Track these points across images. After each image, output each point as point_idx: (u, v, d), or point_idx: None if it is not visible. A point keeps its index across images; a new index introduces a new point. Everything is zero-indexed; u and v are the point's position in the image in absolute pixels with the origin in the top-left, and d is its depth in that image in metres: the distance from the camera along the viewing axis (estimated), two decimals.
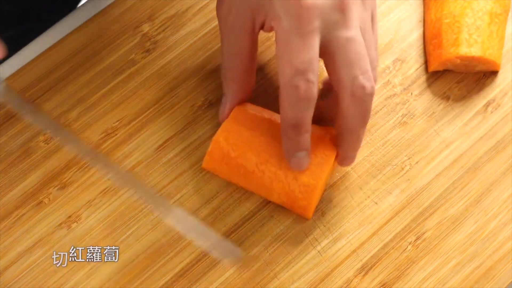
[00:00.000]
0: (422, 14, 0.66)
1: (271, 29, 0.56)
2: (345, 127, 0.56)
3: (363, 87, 0.53)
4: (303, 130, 0.55)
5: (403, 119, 0.63)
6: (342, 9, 0.54)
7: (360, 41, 0.54)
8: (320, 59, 0.54)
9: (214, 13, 0.65)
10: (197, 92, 0.63)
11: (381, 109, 0.63)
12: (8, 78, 0.63)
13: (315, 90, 0.53)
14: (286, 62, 0.53)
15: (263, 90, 0.63)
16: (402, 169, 0.61)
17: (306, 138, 0.55)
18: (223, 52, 0.58)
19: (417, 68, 0.64)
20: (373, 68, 0.56)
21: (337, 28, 0.54)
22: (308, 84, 0.53)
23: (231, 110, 0.59)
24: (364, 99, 0.54)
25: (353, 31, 0.54)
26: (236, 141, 0.57)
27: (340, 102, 0.55)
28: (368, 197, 0.60)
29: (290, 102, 0.54)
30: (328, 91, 0.60)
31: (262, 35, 0.65)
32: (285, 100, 0.54)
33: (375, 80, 0.56)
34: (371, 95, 0.54)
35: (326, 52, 0.54)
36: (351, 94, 0.54)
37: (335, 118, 0.56)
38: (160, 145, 0.62)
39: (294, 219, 0.59)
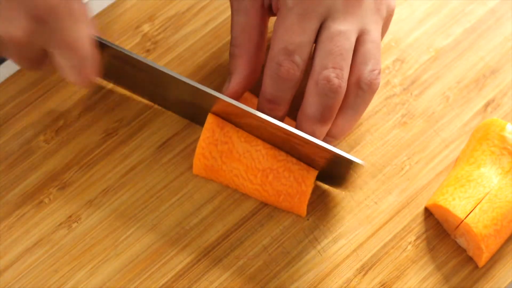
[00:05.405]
0: (422, 14, 0.66)
1: (277, 8, 0.56)
2: (301, 113, 0.55)
3: (327, 79, 0.53)
4: (278, 107, 0.55)
5: (403, 119, 0.63)
6: (346, 4, 0.54)
7: (349, 38, 0.54)
8: None
9: (214, 13, 0.65)
10: None
11: (381, 109, 0.63)
12: (9, 78, 0.63)
13: (298, 73, 0.54)
14: (278, 38, 0.54)
15: None
16: (402, 169, 0.61)
17: (279, 114, 0.56)
18: (232, 28, 0.57)
19: (417, 68, 0.64)
20: (373, 71, 0.55)
21: (335, 19, 0.54)
22: (291, 65, 0.54)
23: (235, 87, 0.57)
24: (325, 93, 0.54)
25: (347, 26, 0.54)
26: (215, 154, 0.57)
27: (306, 88, 0.55)
28: (368, 197, 0.60)
29: (270, 77, 0.54)
30: None
31: None
32: (266, 74, 0.55)
33: (378, 83, 0.55)
34: (334, 92, 0.53)
35: (316, 40, 0.54)
36: (315, 82, 0.54)
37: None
38: (160, 145, 0.62)
39: (293, 219, 0.59)
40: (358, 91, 0.55)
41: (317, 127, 0.55)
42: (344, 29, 0.54)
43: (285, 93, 0.55)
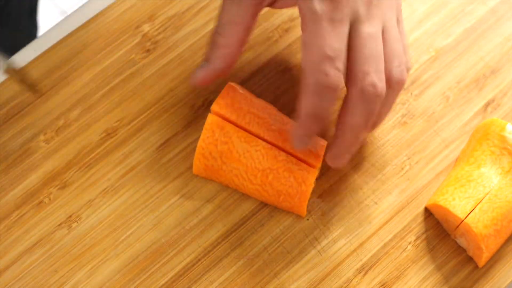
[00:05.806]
0: (422, 14, 0.66)
1: (285, 6, 0.55)
2: (346, 123, 0.54)
3: (373, 85, 0.52)
4: (322, 120, 0.53)
5: (403, 119, 0.63)
6: (369, 3, 0.53)
7: (378, 38, 0.53)
8: None
9: (214, 13, 0.65)
10: (197, 92, 0.63)
11: None
12: (9, 78, 0.63)
13: (342, 80, 0.52)
14: (315, 47, 0.51)
15: (264, 89, 0.63)
16: (402, 169, 0.61)
17: (321, 127, 0.53)
18: (222, 17, 0.55)
19: (417, 68, 0.64)
20: (402, 65, 0.54)
21: (361, 22, 0.53)
22: (337, 73, 0.51)
23: (208, 77, 0.56)
24: (372, 99, 0.52)
25: (373, 28, 0.53)
26: (215, 154, 0.57)
27: (347, 97, 0.53)
28: (368, 197, 0.60)
29: (315, 89, 0.51)
30: None
31: (262, 35, 0.65)
32: (309, 87, 0.51)
33: (405, 80, 0.54)
34: (379, 96, 0.52)
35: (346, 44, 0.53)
36: (361, 90, 0.52)
37: (338, 116, 0.55)
38: (160, 145, 0.62)
39: (293, 219, 0.59)
40: (388, 89, 0.54)
41: (362, 134, 0.54)
42: (372, 31, 0.53)
43: (331, 104, 0.52)
